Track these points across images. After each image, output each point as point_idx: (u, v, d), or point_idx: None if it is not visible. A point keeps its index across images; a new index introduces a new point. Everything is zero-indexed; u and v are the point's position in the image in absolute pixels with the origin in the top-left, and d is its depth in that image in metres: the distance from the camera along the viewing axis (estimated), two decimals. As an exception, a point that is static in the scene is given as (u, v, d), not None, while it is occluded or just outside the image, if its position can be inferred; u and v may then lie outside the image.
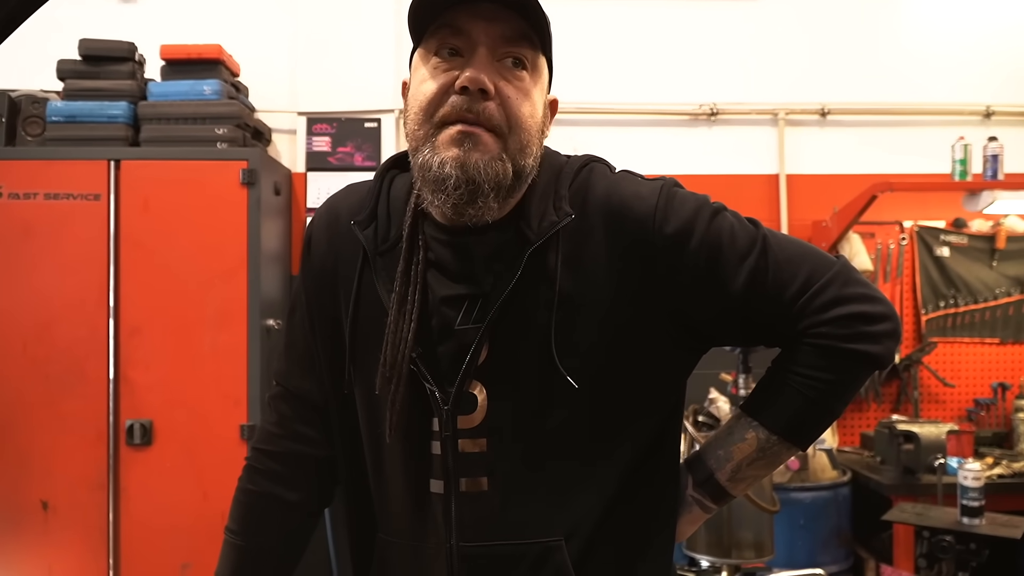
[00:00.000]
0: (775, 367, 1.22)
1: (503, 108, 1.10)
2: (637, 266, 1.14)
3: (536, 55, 1.14)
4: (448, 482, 1.17)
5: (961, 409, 4.01)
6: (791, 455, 1.26)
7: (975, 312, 4.02)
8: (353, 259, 1.23)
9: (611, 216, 1.16)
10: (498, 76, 1.11)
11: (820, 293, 1.14)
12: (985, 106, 4.04)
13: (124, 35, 3.53)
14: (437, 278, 1.18)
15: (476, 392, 1.15)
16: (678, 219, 1.15)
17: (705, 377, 3.45)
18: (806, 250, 1.18)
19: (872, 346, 1.15)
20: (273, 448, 1.34)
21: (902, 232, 4.02)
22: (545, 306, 1.13)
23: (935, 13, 4.11)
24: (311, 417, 1.33)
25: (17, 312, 3.23)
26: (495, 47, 1.11)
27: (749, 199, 4.00)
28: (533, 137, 1.14)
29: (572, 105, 3.96)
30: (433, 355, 1.16)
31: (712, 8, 4.08)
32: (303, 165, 3.89)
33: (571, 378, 1.12)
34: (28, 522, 3.21)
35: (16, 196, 3.24)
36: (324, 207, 1.32)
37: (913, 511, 3.10)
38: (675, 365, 1.22)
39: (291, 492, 1.33)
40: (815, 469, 3.43)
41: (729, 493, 1.24)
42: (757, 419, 1.21)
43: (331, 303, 1.27)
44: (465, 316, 1.16)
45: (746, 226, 1.18)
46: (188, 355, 3.26)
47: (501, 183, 1.10)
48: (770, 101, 4.03)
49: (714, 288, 1.15)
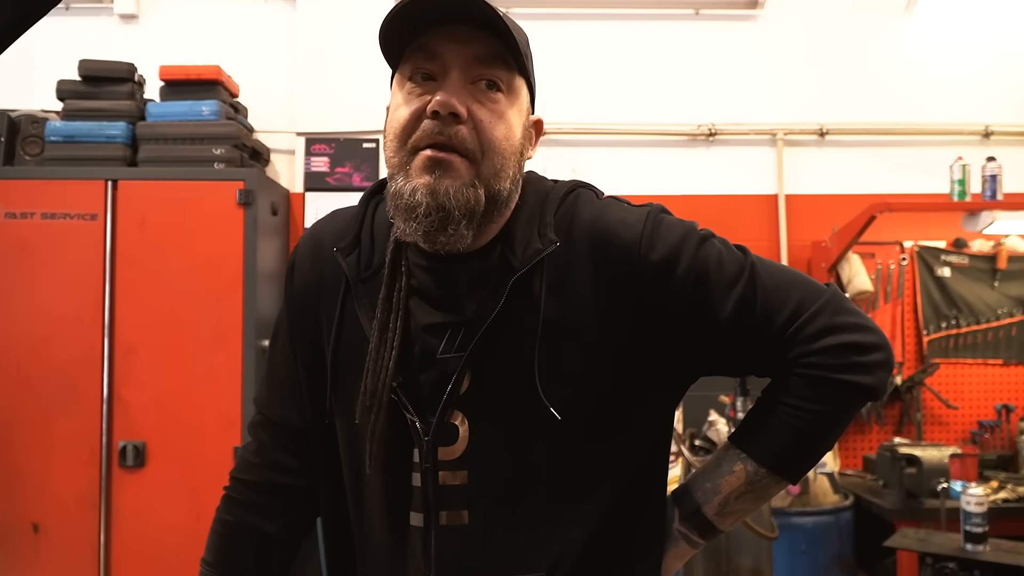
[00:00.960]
0: (764, 397, 1.19)
1: (476, 132, 1.08)
2: (623, 294, 1.12)
3: (512, 76, 1.12)
4: (428, 515, 1.13)
5: (965, 431, 3.96)
6: (781, 488, 1.22)
7: (977, 333, 3.98)
8: (336, 286, 1.21)
9: (597, 243, 1.13)
10: (471, 99, 1.08)
11: (810, 322, 1.12)
12: (984, 126, 4.03)
13: (125, 55, 3.56)
14: (420, 305, 1.15)
15: (458, 423, 1.13)
16: (664, 246, 1.12)
17: (704, 399, 3.43)
18: (795, 278, 1.16)
19: (863, 377, 1.12)
20: (251, 477, 1.31)
21: (902, 252, 3.99)
22: (529, 334, 1.10)
23: (934, 34, 4.11)
24: (291, 446, 1.30)
25: (12, 330, 3.23)
26: (468, 69, 1.09)
27: (748, 219, 3.99)
28: (508, 160, 1.11)
29: (571, 126, 3.96)
30: (415, 384, 1.14)
31: (711, 29, 4.08)
32: (301, 185, 3.89)
33: (555, 409, 1.09)
34: (19, 544, 3.18)
35: (13, 215, 3.25)
36: (308, 232, 1.30)
37: (916, 537, 3.05)
38: (662, 395, 1.19)
39: (269, 523, 1.30)
40: (816, 493, 3.38)
41: (717, 528, 1.20)
42: (745, 451, 1.18)
43: (313, 330, 1.24)
44: (448, 344, 1.13)
45: (734, 253, 1.15)
46: (183, 375, 3.25)
47: (473, 210, 1.08)
48: (769, 121, 4.03)
49: (701, 316, 1.12)
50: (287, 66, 3.95)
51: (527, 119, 1.17)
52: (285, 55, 3.96)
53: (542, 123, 1.23)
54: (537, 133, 1.22)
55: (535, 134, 1.21)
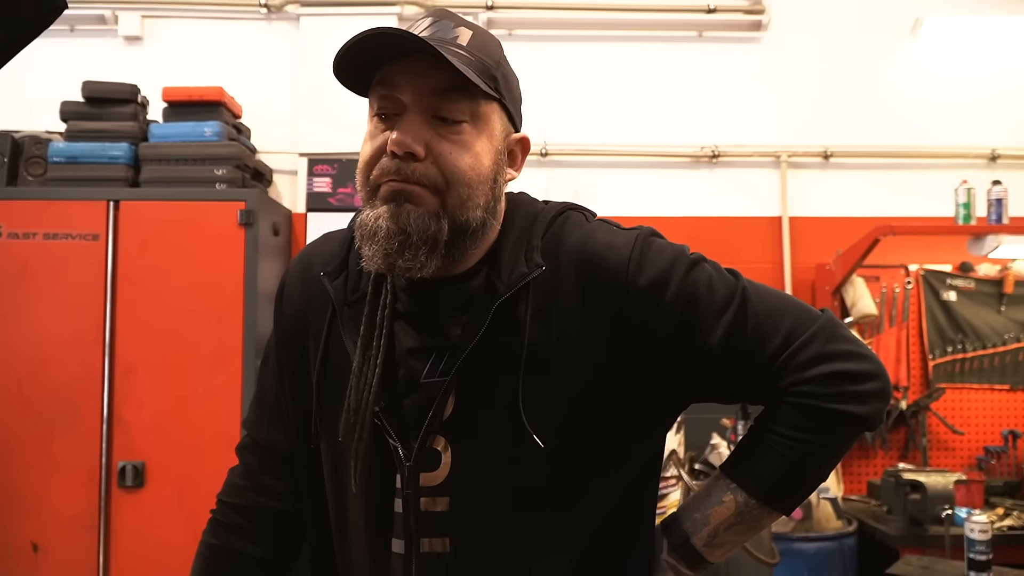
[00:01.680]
0: (756, 426, 1.16)
1: (437, 165, 1.06)
2: (610, 319, 1.10)
3: (475, 104, 1.08)
4: (409, 542, 1.12)
5: (971, 457, 3.92)
6: (772, 520, 1.19)
7: (983, 357, 3.95)
8: (323, 310, 1.21)
9: (584, 267, 1.11)
10: (431, 133, 1.06)
11: (802, 349, 1.09)
12: (990, 149, 4.01)
13: (129, 77, 3.58)
14: (404, 329, 1.14)
15: (440, 448, 1.11)
16: (653, 270, 1.10)
17: (705, 422, 3.41)
18: (788, 303, 1.14)
19: (857, 406, 1.10)
20: (238, 501, 1.31)
21: (907, 276, 3.96)
22: (513, 359, 1.09)
23: (939, 57, 4.10)
24: (278, 470, 1.30)
25: (13, 351, 3.23)
26: (428, 103, 1.07)
27: (751, 242, 3.97)
28: (476, 189, 1.09)
29: (574, 147, 3.96)
30: (398, 409, 1.13)
31: (714, 51, 4.08)
32: (304, 206, 3.90)
33: (538, 436, 1.07)
34: (18, 563, 3.17)
35: (15, 236, 3.26)
36: (299, 256, 1.30)
37: (919, 564, 3.01)
38: (650, 422, 1.17)
39: (255, 547, 1.29)
40: (819, 518, 3.35)
41: (706, 559, 1.18)
42: (736, 481, 1.15)
43: (300, 354, 1.24)
44: (432, 368, 1.12)
45: (725, 278, 1.13)
46: (182, 395, 3.25)
47: (435, 239, 1.06)
48: (773, 143, 4.02)
49: (690, 343, 1.10)
50: (290, 87, 3.97)
51: (504, 141, 1.14)
52: (288, 76, 3.98)
53: (527, 140, 1.19)
54: (523, 151, 1.19)
55: (520, 152, 1.19)
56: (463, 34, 1.10)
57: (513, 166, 1.17)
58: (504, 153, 1.14)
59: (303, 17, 3.96)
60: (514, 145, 1.17)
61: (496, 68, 1.10)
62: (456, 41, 1.08)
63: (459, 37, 1.09)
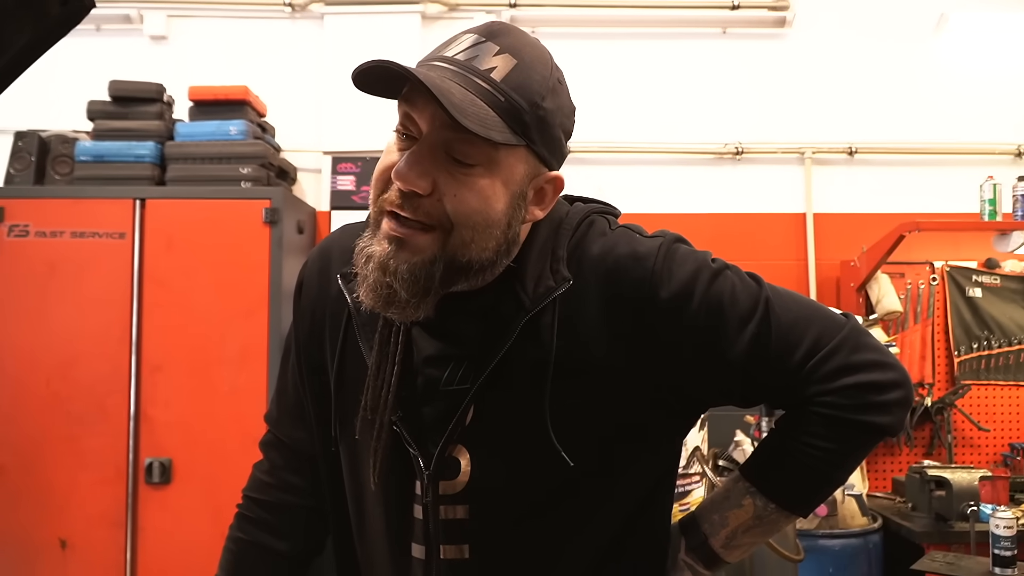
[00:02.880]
0: (777, 431, 1.17)
1: (443, 203, 1.01)
2: (634, 330, 1.08)
3: (492, 149, 1.00)
4: (429, 548, 1.13)
5: (996, 454, 3.90)
6: (789, 523, 1.21)
7: (1009, 354, 3.92)
8: (340, 311, 1.19)
9: (608, 278, 1.09)
10: (440, 169, 1.01)
11: (827, 360, 1.09)
12: (1016, 145, 3.98)
13: (154, 76, 3.61)
14: (422, 335, 1.13)
15: (460, 456, 1.11)
16: (676, 281, 1.09)
17: (729, 419, 3.40)
18: (813, 311, 1.13)
19: (880, 417, 1.10)
20: (263, 497, 1.33)
21: (933, 272, 3.94)
22: (537, 371, 1.08)
23: (964, 52, 4.07)
24: (301, 467, 1.31)
25: (41, 349, 3.27)
26: (442, 136, 1.00)
27: (775, 238, 3.96)
28: (483, 233, 1.03)
29: (597, 144, 3.96)
30: (416, 416, 1.12)
31: (738, 47, 4.07)
32: (328, 204, 3.92)
33: (564, 449, 1.07)
34: (46, 560, 3.21)
35: (43, 234, 3.29)
36: (318, 249, 1.28)
37: (944, 560, 3.00)
38: (669, 430, 1.18)
39: (280, 542, 1.32)
40: (844, 515, 3.34)
41: (723, 560, 1.20)
42: (755, 485, 1.16)
43: (319, 354, 1.24)
44: (450, 377, 1.11)
45: (749, 286, 1.12)
46: (209, 393, 3.27)
47: (425, 288, 1.03)
48: (797, 140, 4.00)
49: (714, 353, 1.09)
50: (314, 85, 3.98)
51: (529, 183, 1.07)
52: (312, 74, 4.00)
53: (560, 180, 1.10)
54: (555, 191, 1.11)
55: (552, 192, 1.11)
56: (503, 65, 1.01)
57: (539, 205, 1.10)
58: (526, 195, 1.07)
59: (327, 16, 3.98)
60: (544, 184, 1.09)
61: (530, 111, 1.02)
62: (488, 74, 1.00)
63: (497, 68, 1.01)
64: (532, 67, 1.03)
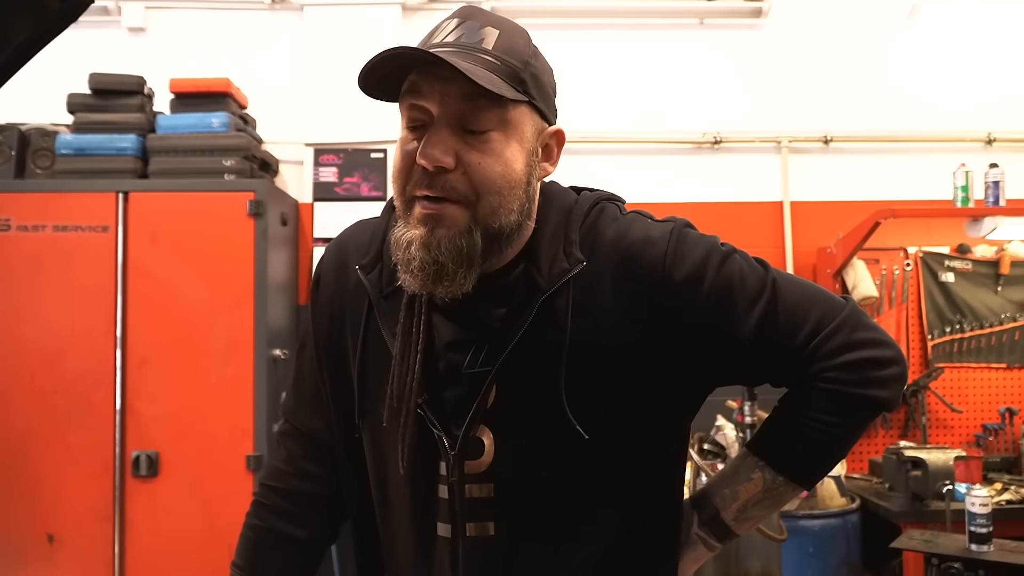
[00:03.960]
0: (783, 408, 1.22)
1: (467, 176, 1.07)
2: (646, 312, 1.14)
3: (503, 109, 1.08)
4: (455, 526, 1.17)
5: (969, 435, 4.00)
6: (797, 495, 1.26)
7: (981, 337, 4.02)
8: (360, 301, 1.23)
9: (621, 262, 1.15)
10: (460, 143, 1.07)
11: (830, 338, 1.14)
12: (986, 133, 4.07)
13: (133, 68, 3.58)
14: (442, 321, 1.17)
15: (483, 437, 1.15)
16: (688, 265, 1.14)
17: (711, 404, 3.42)
18: (815, 293, 1.19)
19: (881, 391, 1.16)
20: (280, 485, 1.35)
21: (907, 258, 4.02)
22: (554, 352, 1.12)
23: (936, 42, 4.15)
24: (319, 456, 1.34)
25: (25, 343, 3.25)
26: (455, 112, 1.07)
27: (753, 226, 4.02)
28: (508, 196, 1.09)
29: (577, 134, 3.98)
30: (439, 399, 1.16)
31: (715, 38, 4.12)
32: (310, 195, 3.92)
33: (579, 425, 1.12)
34: (33, 554, 3.20)
35: (25, 228, 3.27)
36: (334, 244, 1.32)
37: (922, 538, 3.08)
38: (682, 408, 1.22)
39: (297, 529, 1.34)
40: (823, 496, 3.41)
41: (734, 532, 1.24)
42: (764, 459, 1.22)
43: (339, 344, 1.27)
44: (472, 360, 1.15)
45: (756, 269, 1.17)
46: (195, 386, 3.27)
47: (469, 256, 1.08)
48: (773, 129, 4.07)
49: (724, 333, 1.15)
50: (295, 77, 3.98)
51: (537, 139, 1.15)
52: (293, 66, 3.99)
53: (562, 133, 1.19)
54: (559, 144, 1.19)
55: (556, 145, 1.19)
56: (489, 35, 1.10)
57: (548, 160, 1.18)
58: (537, 151, 1.15)
59: (307, 7, 3.96)
60: (548, 139, 1.17)
61: (524, 69, 1.10)
62: (482, 45, 1.08)
63: (485, 39, 1.09)
64: (513, 33, 1.12)
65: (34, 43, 0.86)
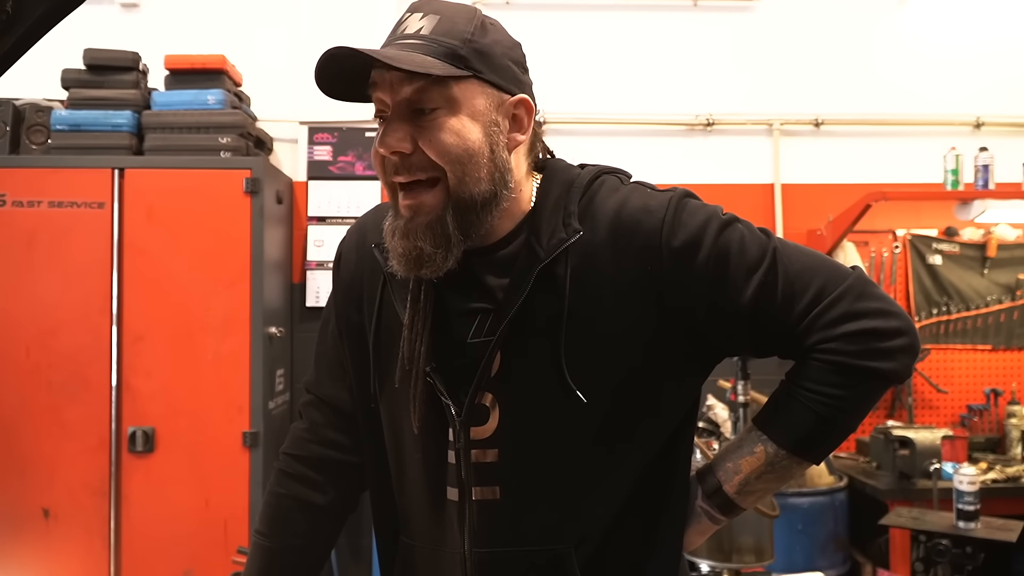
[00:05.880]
0: (786, 381, 1.22)
1: (426, 152, 1.13)
2: (646, 280, 1.15)
3: (445, 89, 1.12)
4: (462, 490, 1.20)
5: (955, 415, 4.06)
6: (802, 470, 1.26)
7: (967, 319, 4.08)
8: (375, 278, 1.28)
9: (620, 230, 1.16)
10: (412, 126, 1.13)
11: (831, 308, 1.14)
12: (976, 117, 4.11)
13: (128, 44, 3.56)
14: (451, 293, 1.21)
15: (488, 404, 1.18)
16: (686, 232, 1.15)
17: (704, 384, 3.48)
18: (819, 262, 1.18)
19: (884, 363, 1.15)
20: (303, 453, 1.38)
21: (895, 240, 4.07)
22: (554, 320, 1.15)
23: (926, 25, 4.19)
24: (342, 424, 1.37)
25: (21, 319, 3.25)
26: (404, 100, 1.13)
27: (745, 208, 3.95)
28: (470, 164, 1.13)
29: (570, 116, 4.01)
30: (447, 368, 1.20)
31: (708, 19, 4.14)
32: (304, 174, 3.92)
33: (580, 390, 1.14)
34: (29, 529, 3.21)
35: (20, 204, 3.26)
36: (355, 226, 1.38)
37: (909, 515, 3.14)
38: (685, 376, 1.22)
39: (319, 495, 1.37)
40: (812, 474, 3.47)
41: (738, 505, 1.25)
42: (767, 433, 1.21)
43: (357, 318, 1.31)
44: (477, 330, 1.19)
45: (757, 237, 1.17)
46: (191, 362, 3.28)
47: (445, 236, 1.14)
48: (765, 111, 4.09)
49: (723, 301, 1.15)
50: (290, 55, 3.96)
51: (497, 111, 1.16)
52: (288, 44, 3.97)
53: (527, 101, 1.19)
54: (527, 112, 1.19)
55: (525, 114, 1.19)
56: (428, 22, 1.14)
57: (519, 130, 1.19)
58: (500, 122, 1.16)
59: (301, -15, 3.95)
60: (513, 109, 1.18)
61: (463, 46, 1.13)
62: (419, 33, 1.13)
63: (423, 28, 1.14)
64: (454, 16, 1.16)
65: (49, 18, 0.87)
